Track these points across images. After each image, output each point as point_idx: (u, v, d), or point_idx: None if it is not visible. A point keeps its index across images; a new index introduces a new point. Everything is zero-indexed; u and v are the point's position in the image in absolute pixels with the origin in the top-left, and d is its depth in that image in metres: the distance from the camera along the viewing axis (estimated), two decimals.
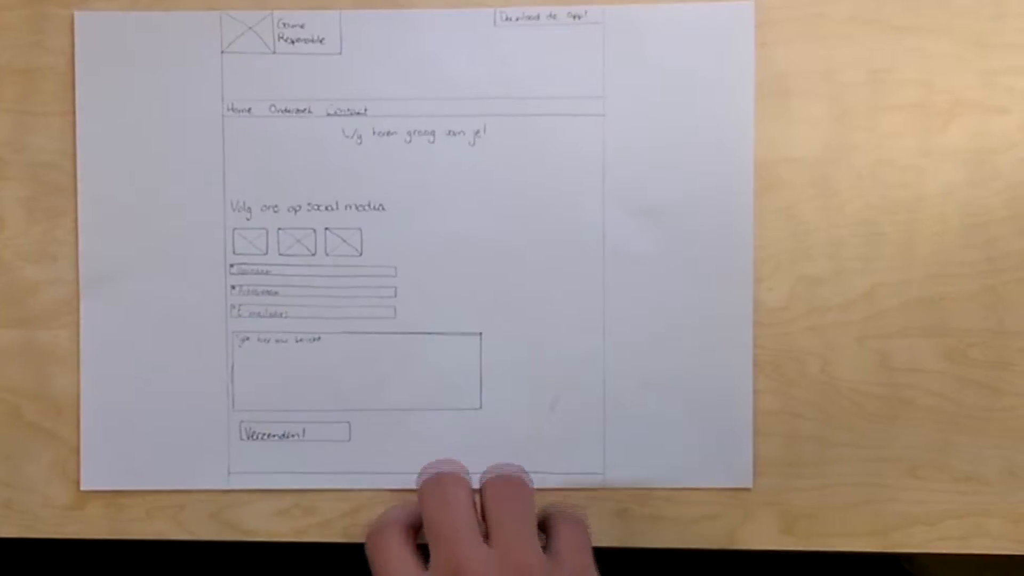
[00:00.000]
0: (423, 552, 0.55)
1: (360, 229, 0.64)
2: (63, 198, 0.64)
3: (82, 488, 0.65)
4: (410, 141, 0.64)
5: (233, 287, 0.64)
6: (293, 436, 0.65)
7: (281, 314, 0.64)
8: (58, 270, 0.65)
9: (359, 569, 0.66)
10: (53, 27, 0.64)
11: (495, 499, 0.57)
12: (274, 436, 0.65)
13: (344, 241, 0.64)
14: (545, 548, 0.56)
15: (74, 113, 0.64)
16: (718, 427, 0.65)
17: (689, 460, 0.65)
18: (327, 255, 0.64)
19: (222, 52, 0.64)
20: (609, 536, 0.65)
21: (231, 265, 0.64)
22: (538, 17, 0.63)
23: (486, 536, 0.55)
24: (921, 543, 0.65)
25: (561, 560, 0.55)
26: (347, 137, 0.64)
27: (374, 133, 0.64)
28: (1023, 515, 0.65)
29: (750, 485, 0.65)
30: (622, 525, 0.65)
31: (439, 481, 0.57)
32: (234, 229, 0.64)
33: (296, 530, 0.66)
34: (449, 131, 0.64)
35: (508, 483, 0.58)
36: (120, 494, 0.65)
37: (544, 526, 0.59)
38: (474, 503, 0.57)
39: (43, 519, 0.66)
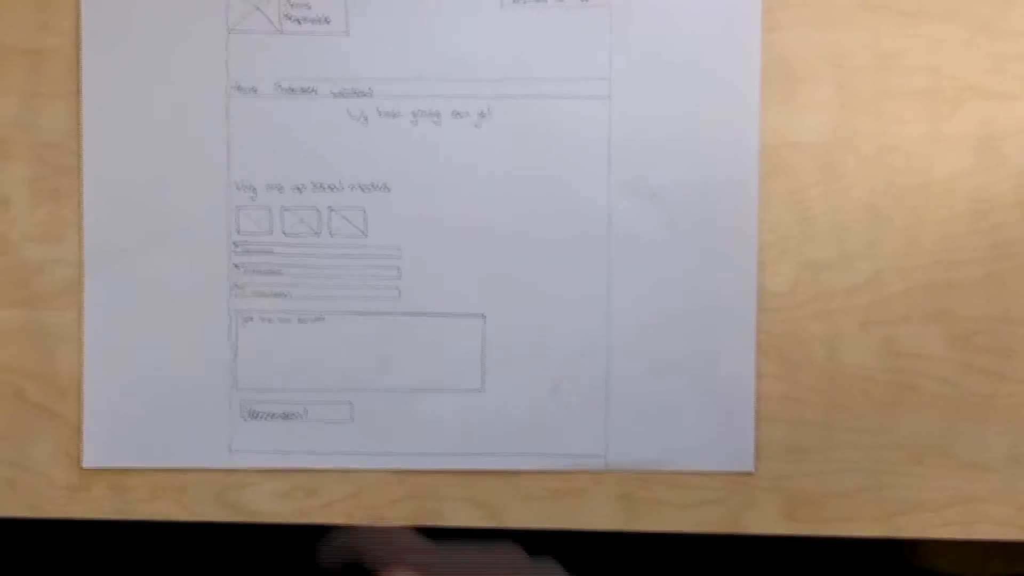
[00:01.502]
0: None
1: (364, 209, 0.64)
2: (69, 179, 0.64)
3: (84, 465, 0.65)
4: (416, 122, 0.64)
5: (237, 266, 0.64)
6: (295, 416, 0.65)
7: (284, 294, 0.64)
8: (63, 251, 0.65)
9: None
10: (60, 8, 0.64)
11: None
12: (276, 416, 0.65)
13: (348, 221, 0.64)
14: None
15: (80, 93, 0.64)
16: (720, 411, 0.65)
17: (691, 444, 0.65)
18: (331, 235, 0.64)
19: (228, 31, 0.64)
20: (612, 520, 0.65)
21: (235, 244, 0.64)
22: None
23: None
24: (924, 529, 0.65)
25: None
26: (352, 117, 0.64)
27: (379, 114, 0.64)
28: None
29: (752, 469, 0.65)
30: (625, 509, 0.65)
31: None
32: (238, 208, 0.64)
33: (299, 512, 0.66)
34: (455, 112, 0.64)
35: None
36: (124, 476, 0.65)
37: None
38: None
39: (47, 499, 0.66)
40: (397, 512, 0.65)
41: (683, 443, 0.65)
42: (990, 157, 0.63)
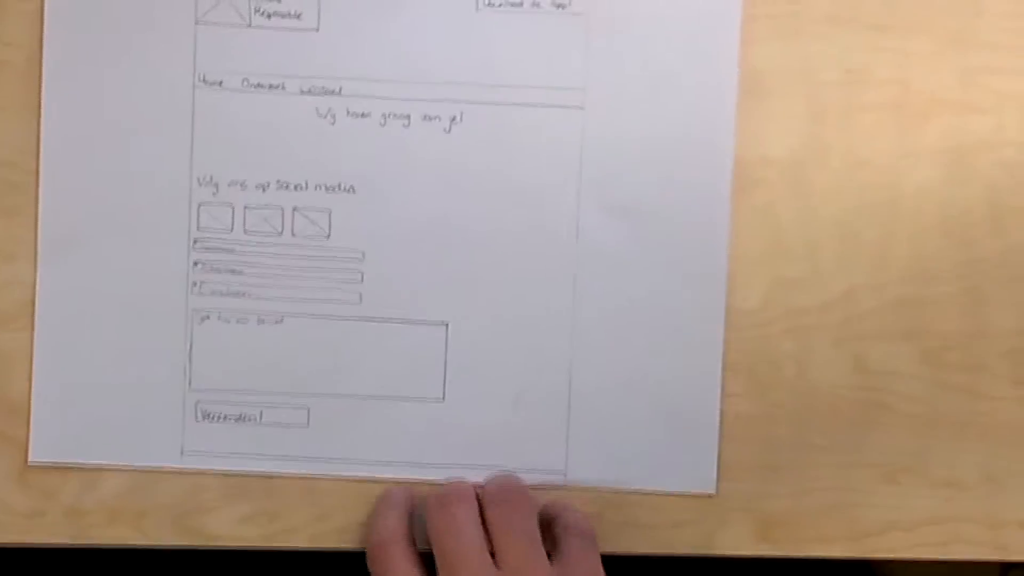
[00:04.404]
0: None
1: (329, 211, 0.63)
2: (22, 196, 0.63)
3: (30, 460, 0.63)
4: (384, 124, 0.63)
5: (196, 263, 0.63)
6: (250, 419, 0.63)
7: (244, 293, 0.63)
8: (16, 271, 0.63)
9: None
10: (12, 20, 0.63)
11: (498, 519, 0.59)
12: (230, 418, 0.63)
13: (312, 222, 0.63)
14: (551, 556, 0.59)
15: (38, 108, 0.63)
16: (684, 432, 0.64)
17: (653, 463, 0.64)
18: (294, 235, 0.63)
19: (196, 22, 0.63)
20: None
21: (195, 241, 0.63)
22: (521, 4, 0.63)
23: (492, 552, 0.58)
24: (898, 549, 0.63)
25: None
26: (320, 116, 0.63)
27: (348, 113, 0.63)
28: (1002, 520, 0.64)
29: (713, 491, 0.63)
30: (596, 530, 0.63)
31: (444, 502, 0.59)
32: (199, 204, 0.63)
33: (263, 536, 0.64)
34: (425, 116, 0.63)
35: (508, 499, 0.60)
36: (81, 501, 0.63)
37: (549, 528, 0.61)
38: (479, 520, 0.59)
39: (2, 526, 0.63)
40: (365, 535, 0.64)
41: (645, 462, 0.64)
42: (960, 171, 0.63)
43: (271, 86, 0.63)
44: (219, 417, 0.63)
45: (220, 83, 0.63)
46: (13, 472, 0.63)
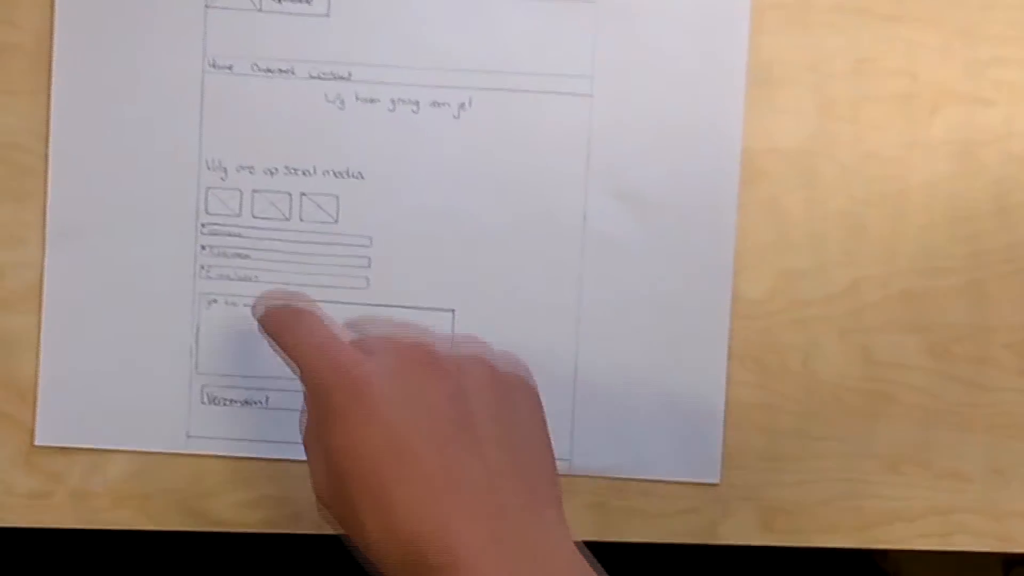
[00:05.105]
0: None
1: (337, 196, 0.63)
2: (32, 179, 0.63)
3: (36, 443, 0.63)
4: (393, 110, 0.63)
5: (203, 247, 0.63)
6: (256, 403, 0.63)
7: (251, 278, 0.63)
8: (24, 254, 0.63)
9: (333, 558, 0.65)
10: (22, 3, 0.63)
11: None
12: (236, 402, 0.63)
13: (320, 207, 0.63)
14: None
15: (48, 91, 0.63)
16: (689, 420, 0.63)
17: (658, 452, 0.63)
18: (302, 220, 0.63)
19: (206, 6, 0.63)
20: (584, 529, 0.63)
21: (203, 225, 0.63)
22: None
23: None
24: (902, 540, 0.64)
25: None
26: (329, 101, 0.63)
27: (357, 99, 0.63)
28: (1005, 512, 0.64)
29: (717, 480, 0.64)
30: (598, 518, 0.64)
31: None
32: (208, 188, 0.63)
33: (268, 521, 0.64)
34: (434, 102, 0.63)
35: None
36: (87, 483, 0.63)
37: None
38: None
39: (7, 508, 0.63)
40: None
41: (650, 451, 0.63)
42: (968, 164, 0.63)
43: (280, 71, 0.63)
44: (225, 401, 0.63)
45: (230, 67, 0.63)
46: (19, 454, 0.63)
